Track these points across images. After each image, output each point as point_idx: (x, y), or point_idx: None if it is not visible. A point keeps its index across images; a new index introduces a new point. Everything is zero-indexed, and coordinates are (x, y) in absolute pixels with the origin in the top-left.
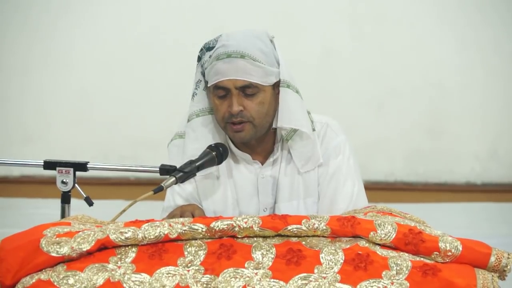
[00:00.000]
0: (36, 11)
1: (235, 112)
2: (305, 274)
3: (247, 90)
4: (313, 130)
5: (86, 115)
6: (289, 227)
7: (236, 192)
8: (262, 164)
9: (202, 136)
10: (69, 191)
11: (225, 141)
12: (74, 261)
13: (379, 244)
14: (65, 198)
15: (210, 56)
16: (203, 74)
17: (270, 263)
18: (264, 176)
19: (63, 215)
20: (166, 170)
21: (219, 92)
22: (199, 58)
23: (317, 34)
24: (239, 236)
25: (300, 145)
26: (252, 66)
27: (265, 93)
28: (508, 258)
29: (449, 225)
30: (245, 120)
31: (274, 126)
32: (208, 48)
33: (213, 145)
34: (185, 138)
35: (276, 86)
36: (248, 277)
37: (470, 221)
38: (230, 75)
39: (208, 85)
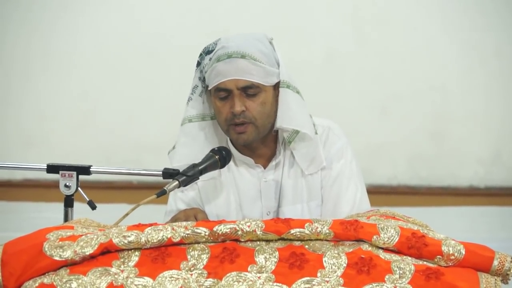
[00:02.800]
0: (36, 12)
1: (238, 112)
2: (308, 278)
3: (249, 90)
4: (316, 133)
5: (88, 119)
6: (292, 231)
7: (239, 196)
8: (265, 168)
9: (193, 142)
10: (72, 195)
11: (225, 145)
12: (77, 265)
13: (382, 248)
14: (68, 202)
15: (210, 59)
16: (200, 79)
17: (273, 267)
18: (267, 180)
19: (66, 219)
20: (169, 173)
21: (220, 94)
22: (198, 63)
23: (320, 38)
24: (242, 240)
25: (302, 146)
26: (253, 66)
27: (266, 93)
28: (511, 262)
29: (452, 228)
30: (247, 121)
31: (275, 127)
32: (207, 52)
33: (216, 148)
34: (177, 142)
35: (277, 87)
36: (251, 281)
37: (473, 224)
38: (231, 75)
39: (209, 88)
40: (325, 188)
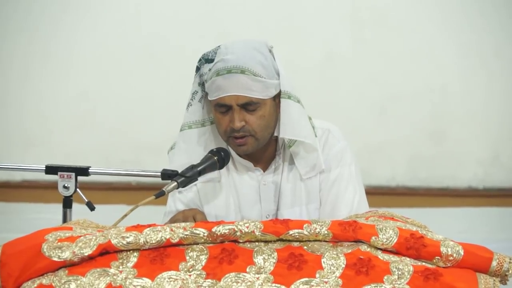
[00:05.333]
0: (36, 13)
1: (238, 127)
2: (306, 279)
3: (249, 106)
4: (315, 136)
5: (87, 120)
6: (291, 232)
7: (238, 198)
8: (264, 171)
9: (193, 149)
10: (71, 196)
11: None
12: (75, 265)
13: (380, 249)
14: (67, 203)
15: (209, 70)
16: (200, 85)
17: (272, 268)
18: (266, 183)
19: (64, 220)
20: (167, 174)
21: (221, 109)
22: (198, 68)
23: (319, 40)
24: (241, 241)
25: (302, 152)
26: (253, 82)
27: (265, 106)
28: (510, 262)
29: (451, 229)
30: (247, 134)
31: (276, 134)
32: (207, 60)
33: (214, 149)
34: (175, 148)
35: (277, 96)
36: (249, 281)
37: (472, 225)
38: (231, 91)
39: (210, 99)
40: (323, 191)
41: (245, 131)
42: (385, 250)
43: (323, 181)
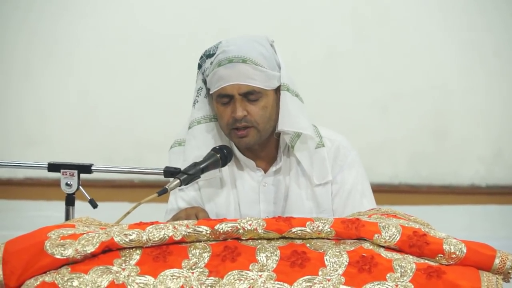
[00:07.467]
0: (36, 12)
1: (239, 117)
2: (309, 276)
3: (250, 96)
4: (323, 145)
5: (89, 117)
6: (294, 229)
7: (238, 197)
8: (265, 172)
9: (204, 143)
10: (74, 193)
11: (229, 146)
12: (78, 263)
13: (383, 246)
14: (70, 200)
15: (211, 63)
16: (204, 81)
17: (275, 265)
18: (266, 185)
19: (67, 218)
20: (170, 172)
21: (222, 100)
22: (200, 66)
23: (320, 37)
24: (244, 238)
25: (305, 149)
26: (254, 71)
27: (267, 97)
28: None
29: (454, 227)
30: (249, 125)
31: (277, 131)
32: (208, 55)
33: (217, 147)
34: (186, 145)
35: (278, 90)
36: (252, 279)
37: (474, 223)
38: (232, 80)
39: (211, 92)
40: (338, 203)
41: (247, 122)
42: (388, 248)
43: (338, 193)
